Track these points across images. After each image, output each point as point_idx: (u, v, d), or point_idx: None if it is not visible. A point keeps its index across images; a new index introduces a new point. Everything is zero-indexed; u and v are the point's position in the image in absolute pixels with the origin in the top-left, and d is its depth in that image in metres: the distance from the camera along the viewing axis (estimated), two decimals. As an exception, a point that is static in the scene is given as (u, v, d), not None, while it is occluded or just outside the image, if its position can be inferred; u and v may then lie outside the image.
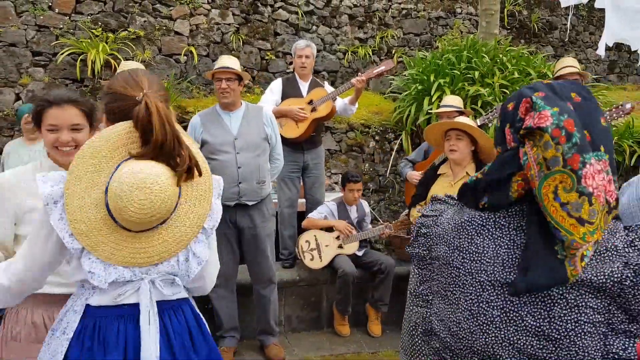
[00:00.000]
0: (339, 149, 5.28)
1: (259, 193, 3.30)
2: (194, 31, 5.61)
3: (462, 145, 2.88)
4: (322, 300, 4.04)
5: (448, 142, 2.91)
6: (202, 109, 5.04)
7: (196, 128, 3.28)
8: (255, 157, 3.26)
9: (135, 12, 5.36)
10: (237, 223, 3.29)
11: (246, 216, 3.29)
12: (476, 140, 2.92)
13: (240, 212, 3.27)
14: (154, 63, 5.35)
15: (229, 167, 3.19)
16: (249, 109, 3.37)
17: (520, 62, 5.32)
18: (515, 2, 7.31)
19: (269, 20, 5.98)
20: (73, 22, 5.12)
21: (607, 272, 0.93)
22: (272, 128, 3.38)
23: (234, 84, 3.24)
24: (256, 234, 3.33)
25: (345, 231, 3.87)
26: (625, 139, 5.23)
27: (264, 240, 3.36)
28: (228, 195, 3.20)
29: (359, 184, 3.95)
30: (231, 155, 3.21)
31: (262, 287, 3.44)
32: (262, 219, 3.35)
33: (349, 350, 3.71)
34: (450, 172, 2.98)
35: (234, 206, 3.25)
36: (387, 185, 5.28)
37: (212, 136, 3.23)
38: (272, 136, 3.39)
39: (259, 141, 3.29)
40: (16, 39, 4.88)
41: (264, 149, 3.34)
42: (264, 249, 3.37)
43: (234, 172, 3.20)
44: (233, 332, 3.45)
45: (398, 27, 6.62)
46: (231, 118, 3.30)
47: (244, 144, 3.23)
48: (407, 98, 5.27)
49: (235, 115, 3.31)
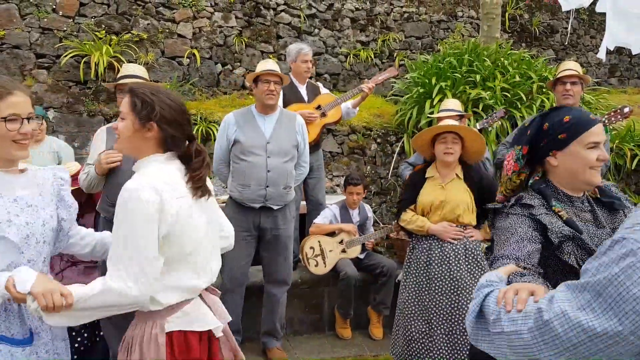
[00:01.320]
0: (340, 151, 5.30)
1: (285, 198, 3.33)
2: (197, 34, 5.64)
3: (457, 148, 2.91)
4: (324, 302, 4.05)
5: (444, 145, 2.90)
6: (205, 111, 5.08)
7: (230, 126, 3.30)
8: (284, 163, 3.28)
9: (138, 15, 5.38)
10: (261, 225, 3.31)
11: (270, 218, 3.31)
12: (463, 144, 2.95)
13: (264, 215, 3.29)
14: (157, 65, 5.38)
15: (258, 170, 3.21)
16: (283, 114, 3.40)
17: (522, 66, 5.34)
18: (516, 5, 7.34)
19: (272, 23, 6.00)
20: (77, 24, 5.15)
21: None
22: (302, 136, 3.41)
23: (279, 87, 3.29)
24: (278, 234, 3.35)
25: (354, 231, 3.90)
26: (626, 142, 5.25)
27: (284, 241, 3.39)
28: (254, 197, 3.23)
29: (358, 187, 3.97)
30: (262, 158, 3.22)
31: (275, 287, 3.45)
32: (285, 221, 3.37)
33: (350, 353, 3.72)
34: (438, 174, 2.98)
35: (259, 208, 3.27)
36: (388, 187, 5.30)
37: (245, 136, 3.24)
38: (301, 144, 3.41)
39: (289, 147, 3.31)
40: (20, 41, 4.90)
41: (293, 156, 3.35)
42: (284, 249, 3.39)
43: (262, 175, 3.21)
44: (235, 335, 3.45)
45: (400, 30, 6.64)
46: (265, 121, 3.31)
47: (276, 148, 3.25)
48: (409, 101, 5.29)
49: (269, 119, 3.33)
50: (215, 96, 5.61)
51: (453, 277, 2.85)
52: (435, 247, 2.93)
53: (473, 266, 2.88)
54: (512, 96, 5.01)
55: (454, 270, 2.86)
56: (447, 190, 2.94)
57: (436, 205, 2.93)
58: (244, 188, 3.23)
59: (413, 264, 3.00)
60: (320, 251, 3.90)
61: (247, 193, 3.22)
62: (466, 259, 2.88)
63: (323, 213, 4.04)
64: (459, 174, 2.95)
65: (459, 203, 2.89)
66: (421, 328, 2.89)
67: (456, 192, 2.92)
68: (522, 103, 4.97)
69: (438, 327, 2.84)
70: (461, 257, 2.88)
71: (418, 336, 2.90)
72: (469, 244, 2.90)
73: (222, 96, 5.62)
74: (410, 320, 2.94)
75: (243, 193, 3.23)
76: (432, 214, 2.95)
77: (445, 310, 2.84)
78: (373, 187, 5.23)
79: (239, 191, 3.25)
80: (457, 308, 2.82)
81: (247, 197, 3.23)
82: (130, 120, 1.63)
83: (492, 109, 4.74)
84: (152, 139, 1.64)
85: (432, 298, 2.87)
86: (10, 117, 1.54)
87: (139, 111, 1.61)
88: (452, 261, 2.87)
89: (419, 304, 2.92)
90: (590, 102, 5.43)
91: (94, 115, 4.82)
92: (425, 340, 2.87)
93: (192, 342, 1.67)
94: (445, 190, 2.94)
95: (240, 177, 3.24)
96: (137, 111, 1.62)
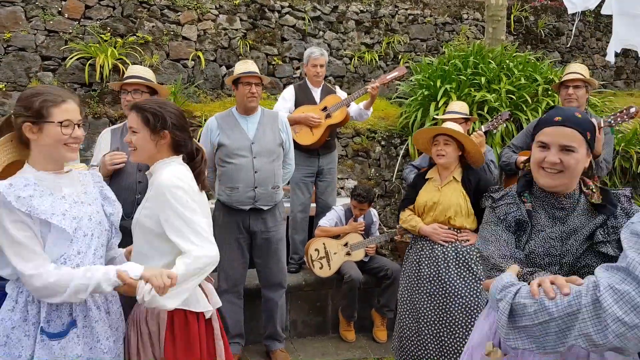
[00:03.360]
0: (345, 154, 5.29)
1: (274, 198, 3.32)
2: (202, 36, 5.65)
3: (449, 150, 2.91)
4: (328, 305, 4.04)
5: (436, 147, 2.94)
6: (209, 113, 5.08)
7: (212, 130, 3.28)
8: (270, 162, 3.27)
9: (143, 17, 5.40)
10: (250, 227, 3.30)
11: (259, 220, 3.30)
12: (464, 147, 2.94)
13: (253, 216, 3.28)
14: (162, 68, 5.39)
15: (245, 171, 3.20)
16: (264, 114, 3.38)
17: (527, 68, 5.32)
18: (522, 8, 7.32)
19: (276, 26, 6.01)
20: (82, 27, 5.17)
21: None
22: (286, 134, 3.40)
23: (260, 89, 3.27)
24: (268, 237, 3.33)
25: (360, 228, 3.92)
26: (632, 145, 5.21)
27: (276, 244, 3.37)
28: (243, 199, 3.21)
29: (363, 205, 3.92)
30: (248, 160, 3.21)
31: (271, 291, 3.44)
32: (275, 223, 3.36)
33: (354, 355, 3.71)
34: (438, 176, 3.00)
35: (248, 210, 3.26)
36: (392, 190, 5.28)
37: (229, 139, 3.23)
38: (286, 142, 3.40)
39: (274, 146, 3.30)
40: (26, 43, 4.93)
41: (279, 155, 3.34)
42: (275, 252, 3.38)
43: (250, 176, 3.20)
44: (238, 339, 3.45)
45: (404, 32, 6.63)
46: (248, 122, 3.31)
47: (261, 148, 3.24)
48: (414, 103, 5.28)
49: (252, 120, 3.32)
50: (219, 98, 5.62)
51: (442, 279, 2.84)
52: (426, 248, 2.94)
53: (463, 270, 2.86)
54: (518, 99, 4.99)
55: (442, 273, 2.85)
56: (442, 192, 2.95)
57: (429, 207, 2.95)
58: (232, 191, 3.21)
59: (407, 263, 3.06)
60: (325, 253, 3.89)
61: (236, 195, 3.21)
62: (456, 263, 2.87)
63: (328, 214, 4.04)
64: (456, 177, 2.95)
65: (450, 205, 2.88)
66: (412, 326, 2.92)
67: (450, 194, 2.92)
68: (527, 105, 4.95)
69: (426, 327, 2.85)
70: (451, 260, 2.87)
71: (409, 334, 2.92)
72: (460, 248, 2.88)
73: (226, 98, 5.63)
74: (403, 318, 2.98)
75: (232, 196, 3.22)
76: (425, 215, 2.98)
77: (433, 313, 2.84)
78: (377, 189, 5.21)
79: (227, 194, 3.23)
80: (446, 311, 2.82)
81: (236, 200, 3.22)
82: (145, 133, 1.91)
83: (497, 112, 4.72)
84: (165, 145, 1.95)
85: (421, 299, 2.88)
86: (65, 122, 1.71)
87: (153, 124, 1.90)
88: (441, 263, 2.87)
89: (410, 303, 2.95)
90: (596, 104, 5.40)
91: (99, 117, 4.83)
92: (415, 339, 2.90)
93: (191, 320, 1.92)
94: (440, 192, 2.95)
95: (228, 180, 3.22)
96: (151, 125, 1.90)
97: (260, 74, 3.28)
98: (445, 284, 2.83)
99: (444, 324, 2.81)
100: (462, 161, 3.00)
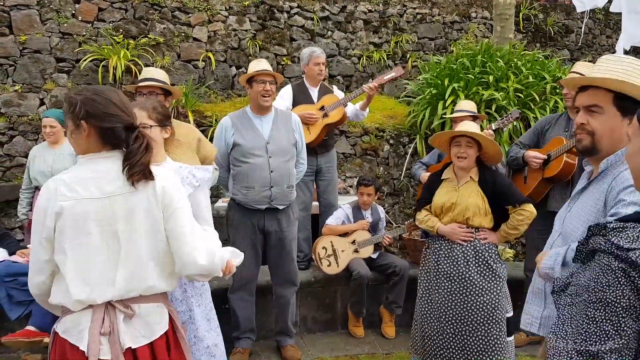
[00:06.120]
0: (353, 152, 5.34)
1: (289, 197, 3.35)
2: (212, 37, 5.73)
3: (471, 153, 2.90)
4: (337, 301, 4.10)
5: (458, 149, 2.91)
6: (220, 113, 5.16)
7: (227, 129, 3.29)
8: (285, 162, 3.30)
9: (155, 19, 5.49)
10: (265, 227, 3.32)
11: (274, 220, 3.32)
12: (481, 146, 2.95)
13: (268, 216, 3.31)
14: (173, 69, 5.48)
15: (261, 171, 3.22)
16: (278, 114, 3.40)
17: (535, 66, 5.33)
18: (530, 6, 7.30)
19: (285, 26, 6.07)
20: (95, 29, 5.27)
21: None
22: (299, 134, 3.43)
23: (274, 87, 3.27)
24: (283, 237, 3.37)
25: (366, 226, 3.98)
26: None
27: (289, 243, 3.41)
28: (260, 199, 3.24)
29: (369, 188, 4.00)
30: (264, 159, 3.23)
31: (284, 288, 3.48)
32: (289, 223, 3.39)
33: (363, 350, 3.76)
34: (454, 176, 3.00)
35: (264, 210, 3.29)
36: (401, 188, 5.32)
37: (244, 139, 3.25)
38: (299, 142, 3.43)
39: (288, 146, 3.33)
40: (41, 45, 5.04)
41: (293, 154, 3.38)
42: (289, 251, 3.42)
43: (266, 175, 3.22)
44: (249, 334, 3.51)
45: (413, 31, 6.66)
46: (262, 122, 3.32)
47: (276, 148, 3.26)
48: (422, 102, 5.31)
49: (266, 120, 3.33)
50: (230, 98, 5.70)
51: (462, 277, 2.87)
52: (444, 248, 2.96)
53: (483, 268, 2.88)
54: (526, 97, 5.00)
55: (462, 271, 2.87)
56: (459, 192, 2.95)
57: (447, 207, 2.96)
58: (248, 190, 3.24)
59: (426, 262, 3.07)
60: (332, 251, 3.94)
61: (252, 195, 3.24)
62: (476, 261, 2.89)
63: (336, 213, 4.09)
64: (473, 177, 2.94)
65: (468, 206, 2.89)
66: (434, 326, 2.93)
67: (468, 194, 2.92)
68: (535, 104, 4.96)
69: (448, 326, 2.87)
70: (470, 258, 2.89)
71: (431, 333, 2.94)
72: (479, 246, 2.90)
73: (236, 98, 5.71)
74: (425, 318, 2.99)
75: (248, 195, 3.24)
76: (443, 215, 2.98)
77: (454, 311, 2.86)
78: (386, 188, 5.26)
79: (243, 194, 3.25)
80: (467, 309, 2.84)
81: (253, 199, 3.24)
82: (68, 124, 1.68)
83: (505, 110, 4.74)
84: (91, 137, 1.65)
85: (442, 297, 2.90)
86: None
87: (71, 113, 1.65)
88: (461, 262, 2.89)
89: (430, 303, 2.96)
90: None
91: (112, 117, 4.93)
92: (437, 339, 2.91)
93: (68, 353, 1.61)
94: (457, 192, 2.95)
95: (244, 179, 3.24)
96: (70, 114, 1.66)
97: (275, 73, 3.31)
98: (466, 282, 2.85)
99: (465, 322, 2.83)
100: (477, 161, 2.99)
